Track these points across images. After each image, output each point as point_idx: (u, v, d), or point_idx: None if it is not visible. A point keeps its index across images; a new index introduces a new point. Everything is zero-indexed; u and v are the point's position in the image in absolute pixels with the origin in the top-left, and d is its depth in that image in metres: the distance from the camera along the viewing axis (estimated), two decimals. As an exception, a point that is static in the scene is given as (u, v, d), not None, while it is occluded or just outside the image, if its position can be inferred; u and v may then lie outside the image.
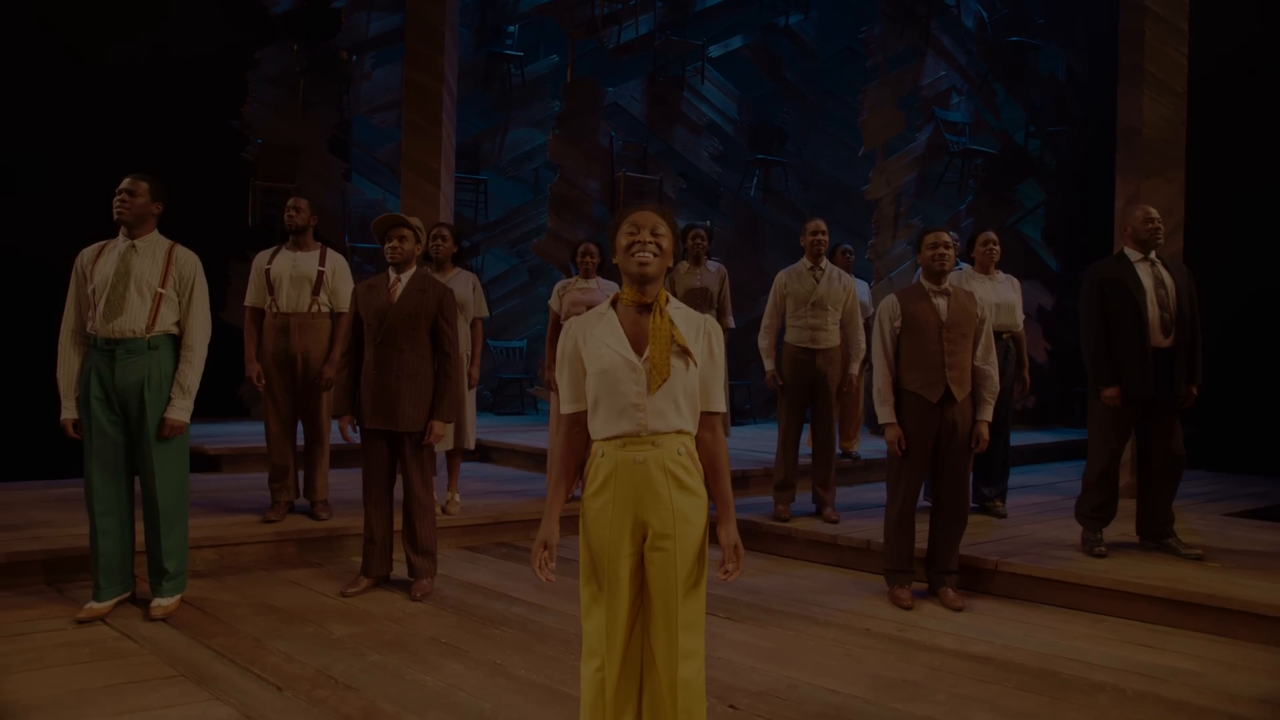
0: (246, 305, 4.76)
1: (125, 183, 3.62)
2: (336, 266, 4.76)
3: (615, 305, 2.10)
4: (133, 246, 3.60)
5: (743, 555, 2.09)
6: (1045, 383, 9.02)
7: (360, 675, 3.06)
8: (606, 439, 2.03)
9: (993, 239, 5.23)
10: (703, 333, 2.08)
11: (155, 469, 3.58)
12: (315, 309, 4.68)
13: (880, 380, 4.01)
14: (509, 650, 3.35)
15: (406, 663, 3.19)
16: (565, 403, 2.10)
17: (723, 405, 2.11)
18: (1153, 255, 4.36)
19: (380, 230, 3.99)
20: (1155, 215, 4.35)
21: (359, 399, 3.98)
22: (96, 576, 3.57)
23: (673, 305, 2.08)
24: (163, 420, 3.56)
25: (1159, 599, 3.81)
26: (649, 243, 2.02)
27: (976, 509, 5.19)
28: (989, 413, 3.99)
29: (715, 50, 10.44)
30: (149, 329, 3.55)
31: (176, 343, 3.66)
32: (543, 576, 2.07)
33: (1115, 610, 3.89)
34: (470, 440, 5.20)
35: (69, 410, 3.58)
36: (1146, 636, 3.64)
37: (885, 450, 4.08)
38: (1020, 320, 5.25)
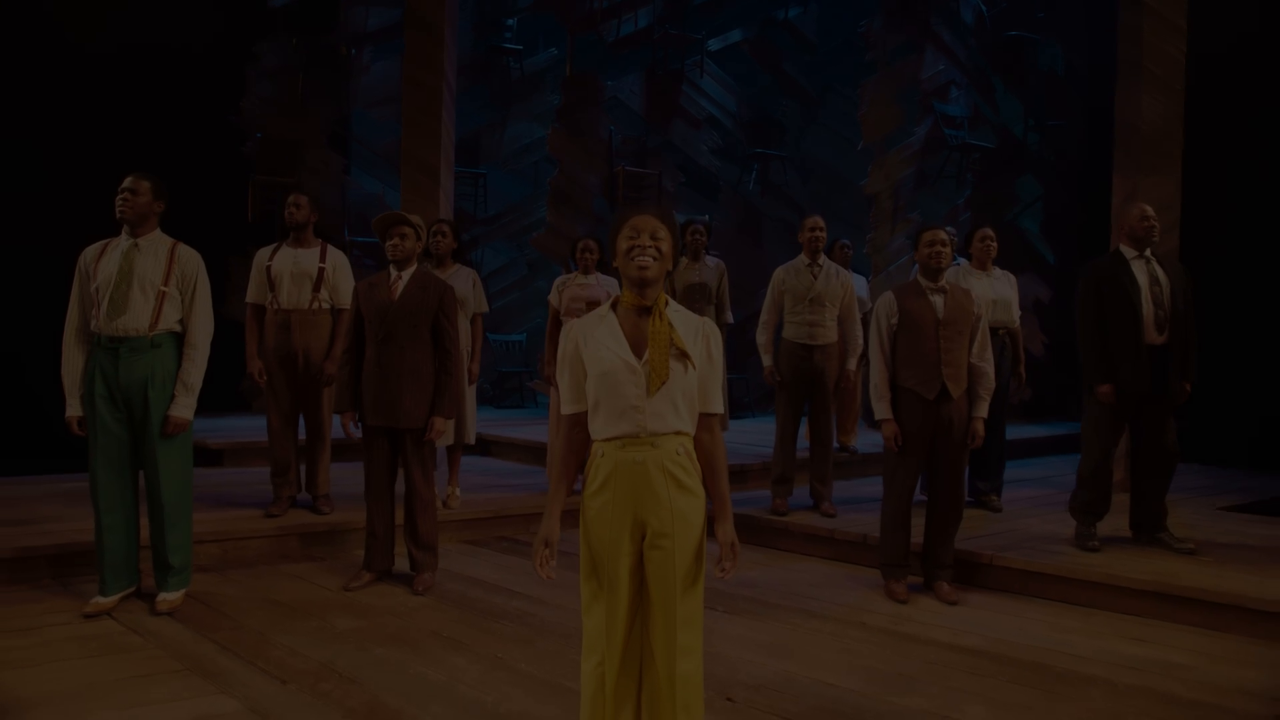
0: (248, 302, 4.79)
1: (127, 181, 3.63)
2: (337, 263, 4.79)
3: (615, 308, 2.13)
4: (135, 245, 3.62)
5: (739, 553, 2.14)
6: (1042, 376, 9.06)
7: (363, 669, 3.11)
8: (606, 439, 2.07)
9: (990, 235, 5.25)
10: (701, 336, 2.11)
11: (159, 465, 3.62)
12: (316, 305, 4.71)
13: (877, 377, 4.05)
14: (510, 644, 3.40)
15: (409, 656, 3.24)
16: (566, 403, 2.14)
17: (720, 406, 2.15)
18: (1148, 253, 4.39)
19: (381, 228, 4.03)
20: (1151, 213, 4.39)
21: (361, 395, 4.02)
22: (102, 571, 3.62)
23: (672, 308, 2.11)
24: (166, 417, 3.60)
25: (1151, 593, 3.86)
26: (649, 247, 2.05)
27: (972, 503, 5.23)
28: (984, 409, 4.03)
29: (714, 44, 10.45)
30: (152, 327, 3.58)
31: (179, 340, 3.69)
32: (544, 574, 2.11)
33: (1108, 604, 3.94)
34: (471, 435, 5.25)
35: (74, 408, 3.61)
36: (1139, 630, 3.69)
37: (882, 445, 4.12)
38: (1016, 316, 5.29)
